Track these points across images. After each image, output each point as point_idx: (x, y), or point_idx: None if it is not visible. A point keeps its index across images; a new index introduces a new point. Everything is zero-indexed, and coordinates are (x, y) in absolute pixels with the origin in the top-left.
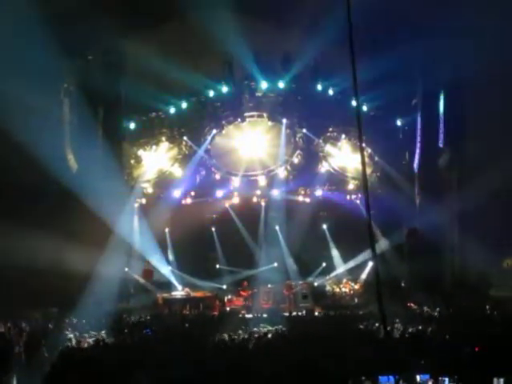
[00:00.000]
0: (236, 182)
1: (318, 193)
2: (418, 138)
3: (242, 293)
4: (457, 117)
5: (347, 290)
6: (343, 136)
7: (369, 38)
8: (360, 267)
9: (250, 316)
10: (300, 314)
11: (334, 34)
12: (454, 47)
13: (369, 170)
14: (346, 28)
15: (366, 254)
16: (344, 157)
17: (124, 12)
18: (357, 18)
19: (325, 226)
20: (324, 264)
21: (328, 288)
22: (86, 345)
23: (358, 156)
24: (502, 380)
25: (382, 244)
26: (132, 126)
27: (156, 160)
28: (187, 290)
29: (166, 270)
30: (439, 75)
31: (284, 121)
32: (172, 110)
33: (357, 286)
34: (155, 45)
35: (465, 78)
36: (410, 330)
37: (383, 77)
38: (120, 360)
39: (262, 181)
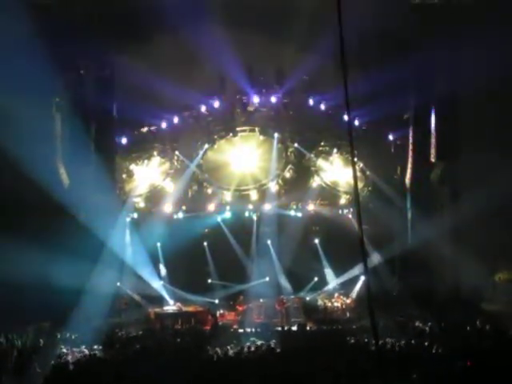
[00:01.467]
0: (228, 196)
1: (310, 207)
2: (410, 153)
3: (239, 307)
4: (449, 131)
5: (339, 305)
6: (335, 150)
7: (361, 53)
8: (352, 281)
9: (241, 330)
10: (292, 328)
11: (327, 48)
12: (447, 61)
13: (360, 185)
14: (338, 43)
15: (358, 268)
16: (336, 171)
17: (116, 26)
18: (349, 34)
19: (317, 241)
20: (316, 278)
21: (320, 302)
22: (78, 359)
23: (349, 170)
24: None
25: (374, 258)
26: (124, 140)
27: (148, 174)
28: (178, 304)
29: (157, 285)
30: (431, 90)
31: (276, 135)
32: (164, 125)
33: (349, 301)
34: (147, 59)
35: (457, 93)
36: (402, 344)
37: (375, 91)
38: (112, 374)
39: (254, 195)
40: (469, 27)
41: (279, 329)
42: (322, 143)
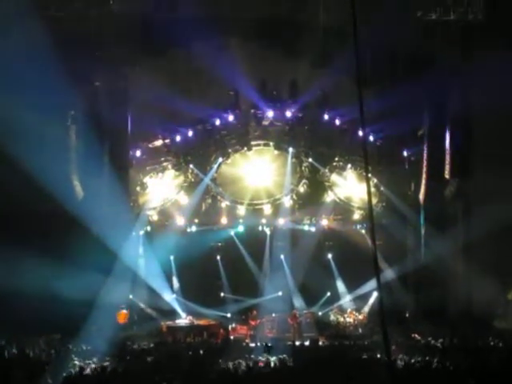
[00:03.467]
0: (241, 210)
1: (324, 222)
2: (424, 169)
3: (251, 322)
4: (463, 148)
5: (351, 320)
6: (349, 166)
7: (376, 70)
8: (365, 297)
9: (253, 345)
10: (304, 343)
11: (342, 64)
12: (461, 79)
13: (374, 200)
14: (354, 59)
15: (371, 284)
16: (350, 187)
17: (130, 40)
18: (364, 50)
19: (330, 256)
20: (329, 294)
21: (332, 318)
22: (89, 371)
23: (363, 186)
24: None
25: (387, 274)
26: (138, 153)
27: (162, 187)
28: (190, 317)
29: (170, 298)
30: (446, 107)
31: (290, 150)
32: (178, 138)
33: (361, 317)
34: (161, 73)
35: (471, 110)
36: (414, 361)
37: (390, 108)
38: None
39: (268, 209)
40: (483, 44)
41: (291, 343)
42: (337, 158)
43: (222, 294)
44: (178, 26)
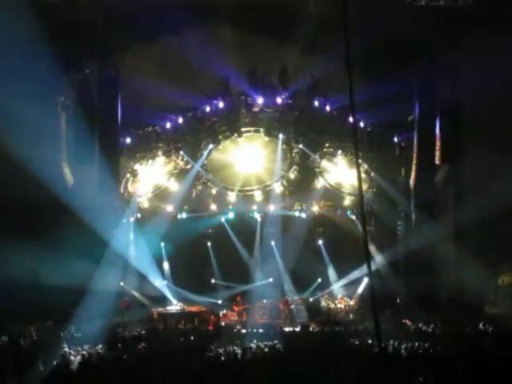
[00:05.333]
0: (232, 196)
1: (314, 208)
2: (415, 155)
3: (235, 308)
4: (453, 134)
5: (342, 306)
6: (339, 152)
7: (366, 57)
8: (355, 283)
9: (245, 331)
10: (295, 329)
11: (332, 50)
12: (453, 65)
13: (365, 186)
14: (344, 45)
15: (362, 270)
16: (340, 172)
17: (120, 27)
18: (355, 37)
19: (321, 242)
20: (319, 280)
21: (323, 304)
22: (80, 358)
23: (354, 172)
24: None
25: (378, 260)
26: (128, 140)
27: (152, 174)
28: (181, 304)
29: (161, 285)
30: (436, 92)
31: (280, 136)
32: (168, 125)
33: (352, 302)
34: (152, 60)
35: (461, 95)
36: (405, 346)
37: (380, 94)
38: (115, 374)
39: (258, 196)
40: (472, 30)
41: (282, 329)
42: (327, 145)
43: (213, 281)
44: (166, 13)
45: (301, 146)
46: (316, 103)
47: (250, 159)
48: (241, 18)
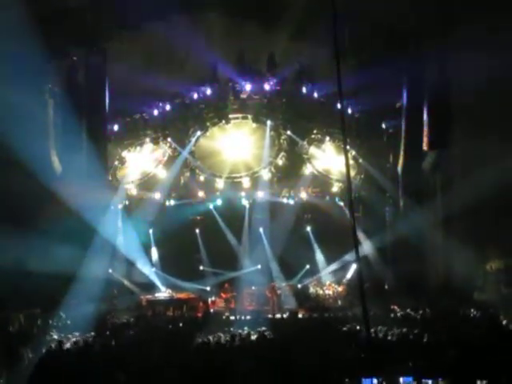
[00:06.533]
0: (220, 183)
1: (302, 195)
2: (403, 141)
3: (223, 295)
4: (441, 120)
5: (331, 293)
6: (327, 138)
7: (354, 43)
8: (344, 269)
9: (233, 318)
10: (283, 316)
11: (320, 36)
12: (441, 52)
13: (353, 173)
14: (332, 31)
15: (350, 256)
16: (328, 159)
17: (107, 13)
18: (343, 23)
19: (309, 228)
20: (308, 266)
21: (312, 290)
22: (69, 345)
23: (342, 158)
24: (485, 382)
25: (366, 246)
26: (116, 127)
27: (140, 161)
28: (169, 291)
29: (149, 272)
30: (425, 78)
31: (268, 123)
32: (156, 112)
33: (340, 289)
34: (139, 46)
35: (450, 82)
36: (394, 332)
37: (368, 80)
38: (104, 361)
39: (246, 182)
40: (461, 16)
41: (270, 316)
42: (315, 131)
43: (201, 268)
44: None
45: (289, 132)
46: (304, 90)
47: (237, 146)
48: (228, 4)
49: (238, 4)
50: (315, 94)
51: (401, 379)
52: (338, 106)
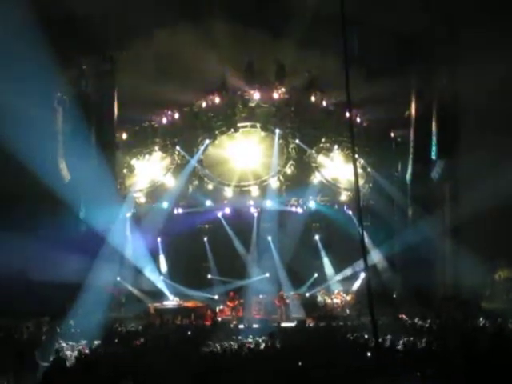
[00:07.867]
0: (229, 192)
1: (311, 203)
2: (411, 150)
3: (229, 303)
4: (450, 129)
5: (339, 301)
6: (336, 147)
7: (364, 53)
8: (352, 278)
9: (241, 326)
10: (291, 324)
11: (329, 46)
12: (451, 61)
13: (361, 181)
14: (341, 40)
15: (358, 265)
16: (337, 168)
17: (117, 22)
18: (353, 33)
19: (317, 237)
20: (316, 275)
21: (320, 299)
22: (77, 354)
23: (350, 167)
24: None
25: (374, 255)
26: (125, 135)
27: (149, 169)
28: (177, 299)
29: (157, 280)
30: (433, 88)
31: (277, 131)
32: (165, 121)
33: (348, 298)
34: (149, 55)
35: (458, 91)
36: (401, 341)
37: (377, 89)
38: (111, 369)
39: (255, 191)
40: (471, 26)
41: (279, 325)
42: (323, 140)
43: (209, 276)
44: (163, 8)
45: (297, 141)
46: (313, 98)
47: (246, 154)
48: (238, 14)
49: (247, 14)
50: (324, 103)
51: None
52: (347, 114)
